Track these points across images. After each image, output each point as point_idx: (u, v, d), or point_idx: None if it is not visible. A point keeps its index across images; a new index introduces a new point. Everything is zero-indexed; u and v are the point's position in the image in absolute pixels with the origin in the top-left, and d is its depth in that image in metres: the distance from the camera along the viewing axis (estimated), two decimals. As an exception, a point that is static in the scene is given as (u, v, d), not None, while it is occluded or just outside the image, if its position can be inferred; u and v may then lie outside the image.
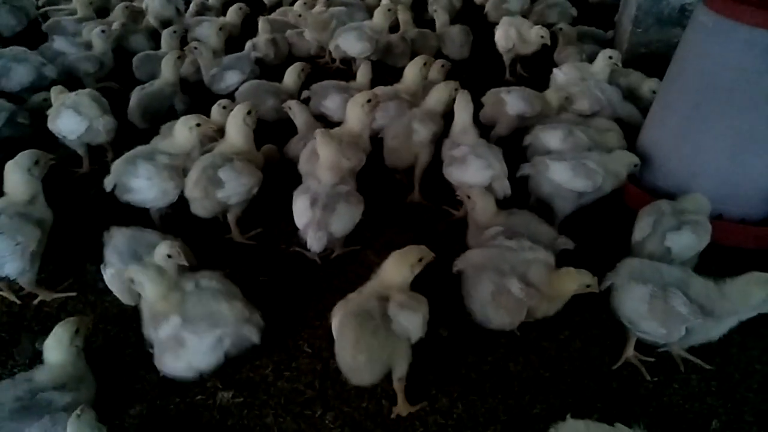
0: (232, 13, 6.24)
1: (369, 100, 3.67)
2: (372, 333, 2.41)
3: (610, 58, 4.56)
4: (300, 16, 5.60)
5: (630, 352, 2.89)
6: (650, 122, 4.00)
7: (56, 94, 4.19)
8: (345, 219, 3.30)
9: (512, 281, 2.74)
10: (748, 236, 3.57)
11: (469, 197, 3.31)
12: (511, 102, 4.28)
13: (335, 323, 2.56)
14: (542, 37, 5.21)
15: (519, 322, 2.84)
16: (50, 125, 4.04)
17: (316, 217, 3.21)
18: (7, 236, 2.94)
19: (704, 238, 3.11)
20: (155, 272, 2.68)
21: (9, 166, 3.14)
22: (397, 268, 2.64)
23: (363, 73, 4.78)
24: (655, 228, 3.15)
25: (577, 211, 3.63)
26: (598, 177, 3.44)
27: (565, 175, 3.45)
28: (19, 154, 3.18)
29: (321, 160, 3.38)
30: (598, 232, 3.63)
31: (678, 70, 3.72)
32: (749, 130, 3.39)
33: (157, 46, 5.51)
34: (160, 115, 4.52)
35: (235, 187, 3.41)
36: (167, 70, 4.64)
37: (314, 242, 3.22)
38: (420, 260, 2.66)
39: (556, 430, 2.14)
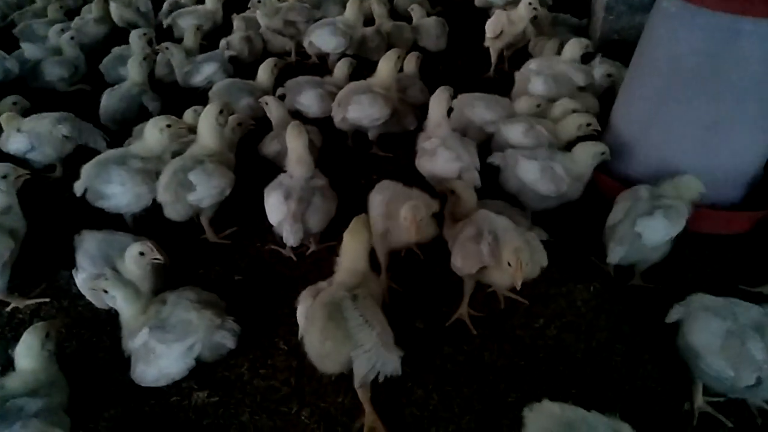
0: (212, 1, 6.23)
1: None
2: (338, 324, 2.41)
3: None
4: (259, 1, 5.52)
5: (699, 400, 2.64)
6: (617, 110, 3.99)
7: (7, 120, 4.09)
8: (320, 213, 3.30)
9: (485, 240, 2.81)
10: (720, 222, 3.59)
11: (452, 192, 3.28)
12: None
13: (302, 310, 2.60)
14: (530, 4, 5.03)
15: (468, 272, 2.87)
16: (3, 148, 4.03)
17: (291, 210, 3.21)
18: None
19: (677, 223, 3.06)
20: (130, 291, 2.70)
21: None
22: (353, 242, 2.64)
23: (341, 69, 4.77)
24: (628, 213, 3.16)
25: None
26: (563, 184, 3.41)
27: (532, 175, 3.44)
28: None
29: (290, 154, 3.38)
30: (574, 222, 3.65)
31: (643, 57, 3.72)
32: (716, 115, 3.39)
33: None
34: (132, 116, 4.49)
35: (207, 189, 3.39)
36: (134, 71, 4.61)
37: (290, 236, 3.21)
38: (369, 229, 2.71)
39: (531, 411, 2.16)
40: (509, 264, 2.63)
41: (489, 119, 4.12)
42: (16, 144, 3.97)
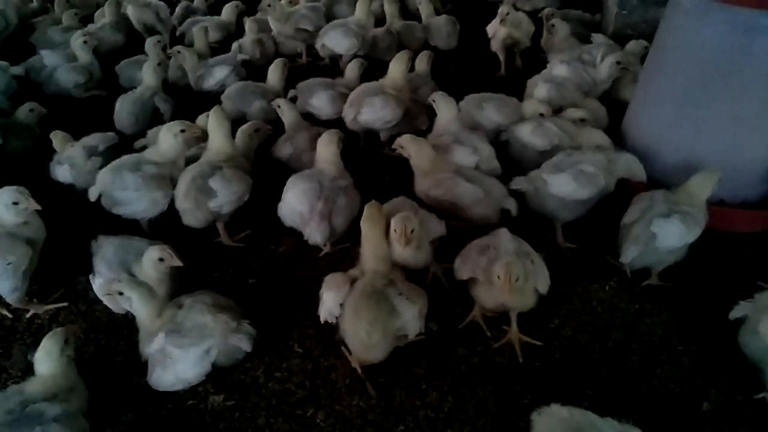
0: (227, 11, 6.27)
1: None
2: (387, 313, 2.56)
3: (618, 63, 4.42)
4: (269, 5, 5.52)
5: None
6: (635, 111, 3.92)
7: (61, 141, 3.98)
8: (345, 212, 3.33)
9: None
10: (748, 220, 3.53)
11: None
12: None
13: (334, 297, 2.68)
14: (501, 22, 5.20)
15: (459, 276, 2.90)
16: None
17: (319, 210, 3.23)
18: None
19: (693, 230, 3.02)
20: (146, 293, 2.72)
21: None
22: (372, 228, 2.77)
23: (352, 69, 4.77)
24: (644, 213, 3.12)
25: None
26: (600, 180, 3.29)
27: (569, 186, 3.27)
28: (2, 190, 3.07)
29: (318, 157, 3.47)
30: (589, 221, 3.60)
31: (661, 55, 3.65)
32: (742, 112, 3.32)
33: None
34: (146, 120, 4.54)
35: (227, 195, 3.40)
36: (148, 76, 4.66)
37: (317, 234, 3.26)
38: (382, 214, 2.82)
39: (539, 415, 2.15)
40: (498, 278, 2.58)
41: (497, 121, 4.10)
42: (61, 173, 3.87)
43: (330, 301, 2.71)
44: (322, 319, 2.76)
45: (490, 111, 4.12)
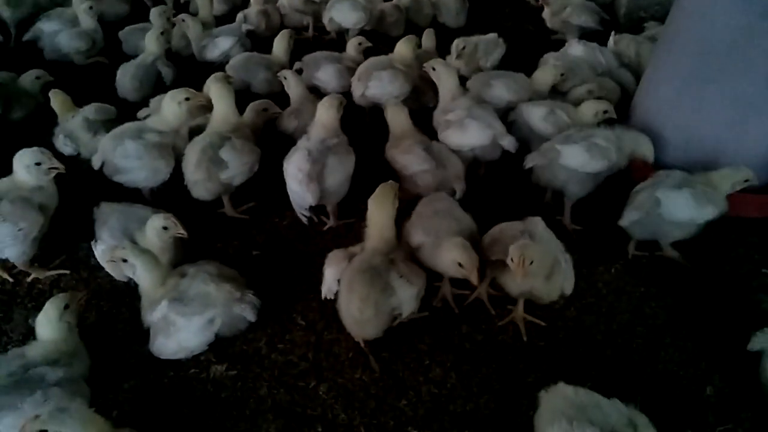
0: None
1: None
2: (381, 290, 2.51)
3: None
4: None
5: None
6: (643, 89, 3.89)
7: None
8: (336, 171, 3.28)
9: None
10: (750, 204, 3.51)
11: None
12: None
13: (333, 272, 2.67)
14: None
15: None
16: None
17: (306, 170, 3.20)
18: (9, 222, 2.91)
19: (704, 207, 3.01)
20: (150, 260, 2.69)
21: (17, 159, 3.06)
22: (380, 209, 2.71)
23: (351, 47, 4.71)
24: (655, 183, 3.13)
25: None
26: (612, 154, 3.28)
27: (581, 158, 3.26)
28: (25, 151, 3.06)
29: (317, 120, 3.45)
30: (595, 203, 3.58)
31: (672, 34, 3.61)
32: (749, 94, 3.30)
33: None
34: (149, 87, 4.49)
35: (239, 166, 3.37)
36: (151, 44, 4.60)
37: (307, 195, 3.22)
38: (395, 195, 2.75)
39: (546, 394, 2.16)
40: (512, 260, 2.51)
41: (508, 99, 4.05)
42: (65, 148, 3.77)
43: (330, 277, 2.70)
44: (323, 296, 2.75)
45: (499, 89, 4.06)
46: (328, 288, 2.72)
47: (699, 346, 2.83)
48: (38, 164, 3.03)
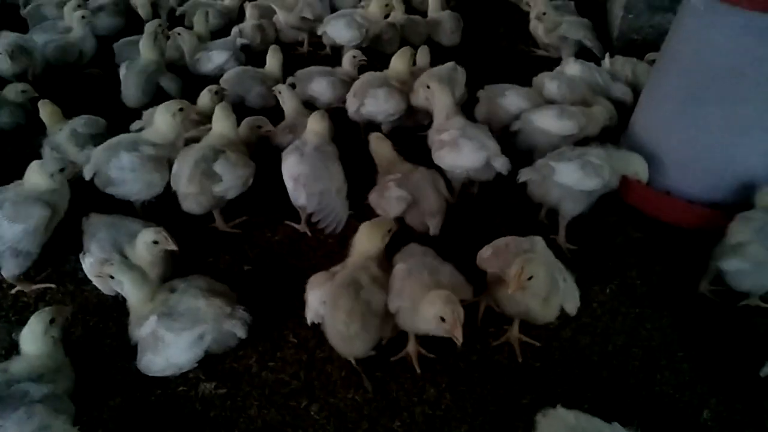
0: None
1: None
2: (365, 302, 2.47)
3: None
4: None
5: None
6: (641, 110, 3.90)
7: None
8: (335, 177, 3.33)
9: None
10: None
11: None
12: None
13: (317, 295, 2.62)
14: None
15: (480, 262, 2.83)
16: None
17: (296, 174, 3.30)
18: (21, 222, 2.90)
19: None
20: (138, 276, 2.63)
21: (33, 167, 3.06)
22: (369, 239, 2.69)
23: (346, 62, 4.71)
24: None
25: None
26: (605, 172, 3.28)
27: (575, 175, 3.27)
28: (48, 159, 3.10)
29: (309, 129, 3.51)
30: (589, 223, 3.58)
31: (669, 57, 3.62)
32: (748, 117, 3.28)
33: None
34: (152, 94, 4.49)
35: (233, 179, 3.32)
36: (146, 51, 4.54)
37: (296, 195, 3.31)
38: (389, 231, 2.74)
39: (544, 417, 2.10)
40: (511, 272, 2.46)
41: (524, 107, 4.07)
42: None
43: (314, 301, 2.65)
44: (309, 321, 2.70)
45: (514, 98, 4.11)
46: (314, 313, 2.66)
47: (695, 369, 2.80)
48: (62, 170, 3.09)
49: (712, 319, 3.04)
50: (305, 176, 3.30)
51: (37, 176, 3.03)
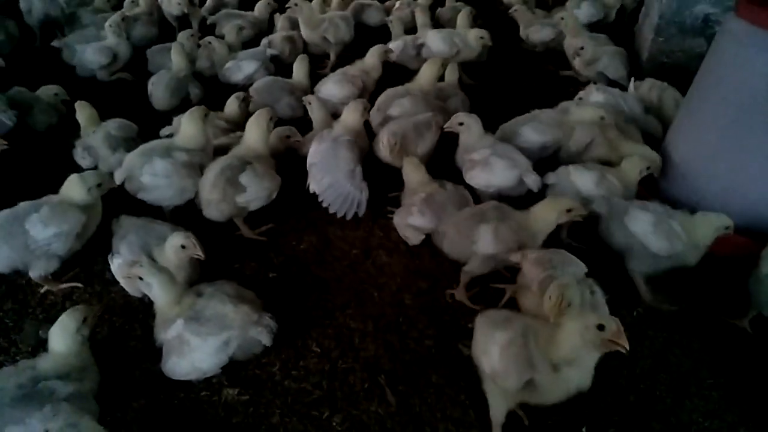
0: (260, 8, 6.21)
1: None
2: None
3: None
4: (296, 5, 5.36)
5: None
6: (675, 137, 3.80)
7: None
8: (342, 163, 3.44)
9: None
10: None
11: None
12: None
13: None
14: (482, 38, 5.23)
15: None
16: None
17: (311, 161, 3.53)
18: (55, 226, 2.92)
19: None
20: (166, 278, 2.63)
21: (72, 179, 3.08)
22: (547, 210, 2.96)
23: (372, 55, 4.78)
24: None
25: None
26: (678, 243, 3.06)
27: (645, 226, 3.09)
28: (88, 173, 3.10)
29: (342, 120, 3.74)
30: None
31: (708, 83, 3.54)
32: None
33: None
34: (180, 98, 4.59)
35: (257, 191, 3.35)
36: (177, 59, 4.63)
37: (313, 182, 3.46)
38: (569, 210, 2.95)
39: None
40: (549, 298, 2.44)
41: (542, 142, 3.91)
42: (84, 161, 3.80)
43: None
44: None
45: (530, 133, 3.91)
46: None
47: (725, 397, 2.74)
48: (99, 185, 3.09)
49: (743, 345, 2.98)
50: (316, 168, 3.50)
51: (75, 189, 3.04)
